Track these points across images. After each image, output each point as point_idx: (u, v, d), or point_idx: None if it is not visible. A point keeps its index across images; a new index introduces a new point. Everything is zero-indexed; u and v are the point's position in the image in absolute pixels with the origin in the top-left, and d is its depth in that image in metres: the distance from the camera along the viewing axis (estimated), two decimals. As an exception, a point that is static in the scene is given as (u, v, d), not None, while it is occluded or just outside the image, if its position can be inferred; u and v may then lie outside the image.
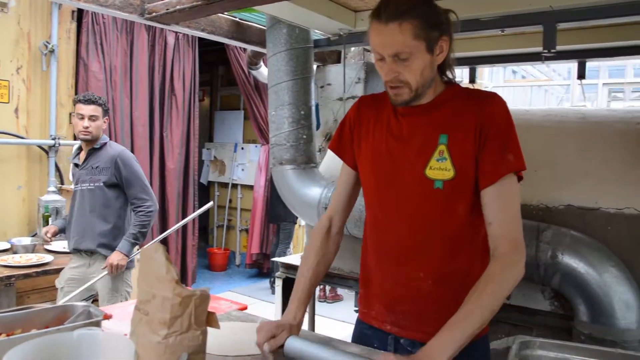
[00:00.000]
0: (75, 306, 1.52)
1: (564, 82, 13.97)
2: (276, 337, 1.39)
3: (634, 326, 1.93)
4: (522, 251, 1.35)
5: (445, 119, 1.41)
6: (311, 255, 1.58)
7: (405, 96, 1.38)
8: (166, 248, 1.12)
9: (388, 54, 1.32)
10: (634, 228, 2.09)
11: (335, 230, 1.64)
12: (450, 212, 1.40)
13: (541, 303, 2.27)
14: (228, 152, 7.68)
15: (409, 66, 1.33)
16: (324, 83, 3.44)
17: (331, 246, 1.63)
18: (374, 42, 1.35)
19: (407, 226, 1.44)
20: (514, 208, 1.37)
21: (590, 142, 2.33)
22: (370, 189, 1.55)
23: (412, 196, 1.43)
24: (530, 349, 1.34)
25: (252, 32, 3.18)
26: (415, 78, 1.35)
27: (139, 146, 5.42)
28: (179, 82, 5.82)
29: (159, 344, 1.08)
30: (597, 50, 3.03)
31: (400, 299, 1.48)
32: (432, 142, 1.40)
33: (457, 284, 1.41)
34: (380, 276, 1.52)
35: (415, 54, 1.31)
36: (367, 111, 1.56)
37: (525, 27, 2.44)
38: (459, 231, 1.41)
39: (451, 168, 1.37)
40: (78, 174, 3.16)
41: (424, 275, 1.43)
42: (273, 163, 2.84)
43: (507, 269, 1.31)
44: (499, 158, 1.35)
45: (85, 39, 4.79)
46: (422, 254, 1.44)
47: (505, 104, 1.41)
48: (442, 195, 1.39)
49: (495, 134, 1.35)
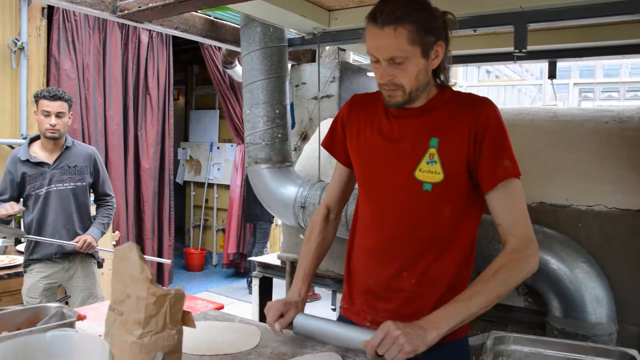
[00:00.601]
0: (48, 307, 1.50)
1: (536, 82, 14.20)
2: (285, 316, 1.47)
3: (604, 320, 1.98)
4: (535, 247, 1.37)
5: (437, 122, 1.42)
6: (312, 237, 1.66)
7: (399, 99, 1.39)
8: (142, 248, 1.11)
9: (383, 58, 1.33)
10: (603, 224, 2.14)
11: (333, 216, 1.71)
12: (437, 215, 1.42)
13: (516, 299, 2.31)
14: (204, 151, 7.63)
15: (404, 70, 1.34)
16: (298, 82, 3.44)
17: (330, 230, 1.70)
18: (369, 44, 1.35)
19: (393, 226, 1.46)
20: (520, 208, 1.40)
21: (561, 140, 2.37)
22: (361, 187, 1.57)
23: (401, 197, 1.44)
24: (505, 344, 1.36)
25: (226, 30, 3.16)
26: (410, 82, 1.36)
27: (113, 145, 5.35)
28: (153, 81, 5.76)
29: (133, 344, 1.07)
30: (567, 50, 3.08)
31: (382, 297, 1.49)
32: (423, 145, 1.42)
33: (440, 286, 1.44)
34: (364, 273, 1.54)
35: (411, 59, 1.32)
36: (359, 110, 1.57)
37: (497, 27, 2.47)
38: (445, 233, 1.43)
39: (441, 171, 1.39)
40: (50, 173, 3.01)
41: (407, 274, 1.45)
42: (248, 162, 2.83)
43: (518, 260, 1.34)
44: (497, 164, 1.37)
45: (57, 37, 4.71)
46: (406, 254, 1.45)
47: (497, 110, 1.43)
48: (431, 198, 1.41)
49: (490, 139, 1.37)
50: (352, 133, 1.57)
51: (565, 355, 1.32)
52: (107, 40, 5.23)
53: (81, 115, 4.98)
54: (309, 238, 1.67)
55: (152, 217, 5.85)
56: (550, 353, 1.33)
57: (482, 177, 1.38)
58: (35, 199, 3.01)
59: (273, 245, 6.55)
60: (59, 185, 3.04)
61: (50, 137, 2.97)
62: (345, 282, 1.64)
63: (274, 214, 2.91)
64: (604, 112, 2.43)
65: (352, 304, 1.59)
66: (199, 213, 7.73)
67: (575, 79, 12.13)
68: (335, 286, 2.92)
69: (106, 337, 1.13)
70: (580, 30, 2.83)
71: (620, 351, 1.29)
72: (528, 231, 1.38)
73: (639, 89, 13.25)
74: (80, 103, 4.96)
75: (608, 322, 1.98)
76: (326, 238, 1.68)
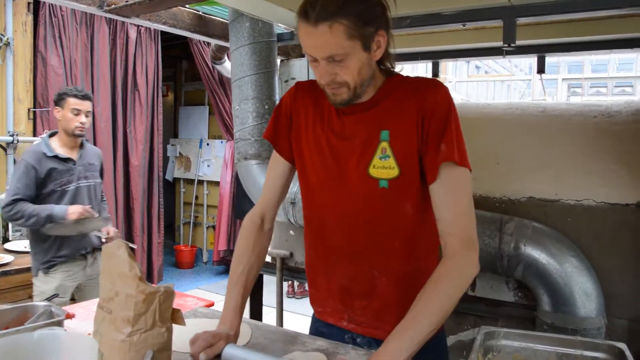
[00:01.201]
0: (36, 306, 1.48)
1: (525, 77, 14.28)
2: (213, 347, 1.28)
3: (593, 314, 1.99)
4: (475, 248, 1.28)
5: (386, 113, 1.34)
6: (244, 257, 1.48)
7: (344, 96, 1.29)
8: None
9: (321, 57, 1.23)
10: (592, 219, 2.15)
11: (268, 226, 1.55)
12: (398, 211, 1.35)
13: (506, 294, 2.32)
14: (193, 148, 7.59)
15: (346, 67, 1.24)
16: (288, 77, 3.43)
17: (265, 241, 1.54)
18: (304, 43, 1.24)
19: (356, 226, 1.39)
20: (463, 202, 1.29)
21: (550, 135, 2.38)
22: (311, 187, 1.46)
23: (358, 196, 1.36)
24: (495, 339, 1.36)
25: (214, 25, 3.14)
26: (353, 78, 1.26)
27: (101, 142, 5.31)
28: (141, 77, 5.72)
29: (123, 342, 1.06)
30: (556, 45, 3.10)
31: (357, 294, 1.44)
32: (373, 139, 1.34)
33: (415, 283, 1.34)
34: (333, 274, 1.46)
35: (351, 54, 1.22)
36: (305, 99, 1.45)
37: (486, 21, 2.47)
38: (410, 230, 1.37)
39: (395, 166, 1.31)
40: (77, 170, 3.02)
41: (378, 273, 1.40)
42: (238, 158, 2.82)
43: (459, 268, 1.24)
44: (436, 150, 1.27)
45: (43, 32, 4.66)
46: (374, 253, 1.39)
47: (448, 92, 1.33)
48: (388, 195, 1.33)
49: (435, 125, 1.28)
50: (299, 126, 1.45)
51: (555, 349, 1.33)
52: (94, 36, 5.18)
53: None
54: (240, 259, 1.48)
55: (142, 214, 5.81)
56: (540, 347, 1.33)
57: (425, 164, 1.30)
58: (60, 195, 2.97)
59: (263, 241, 6.53)
60: (84, 181, 3.06)
61: (79, 134, 3.01)
62: (310, 286, 1.57)
63: (263, 210, 2.90)
64: (593, 107, 2.44)
65: (325, 305, 1.53)
66: (189, 210, 7.69)
67: (564, 74, 12.22)
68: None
69: (95, 336, 1.12)
70: (569, 25, 2.84)
71: (609, 345, 1.30)
72: (469, 230, 1.28)
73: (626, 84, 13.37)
74: (67, 99, 4.91)
75: (597, 316, 2.00)
76: (260, 254, 1.51)
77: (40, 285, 2.96)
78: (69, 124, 2.97)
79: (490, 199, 2.30)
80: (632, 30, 2.75)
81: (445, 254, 1.27)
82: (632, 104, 2.40)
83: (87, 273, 3.09)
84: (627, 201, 2.10)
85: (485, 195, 2.33)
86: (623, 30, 2.76)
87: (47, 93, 4.70)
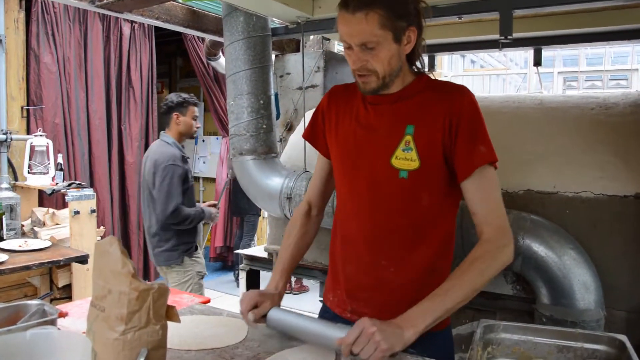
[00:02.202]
0: (29, 305, 1.46)
1: (521, 71, 14.26)
2: (259, 307, 1.43)
3: (592, 306, 1.98)
4: (510, 236, 1.37)
5: (413, 110, 1.42)
6: (293, 231, 1.64)
7: (373, 84, 1.39)
8: (128, 242, 1.08)
9: (355, 43, 1.34)
10: (590, 211, 2.14)
11: (315, 213, 1.69)
12: (414, 202, 1.42)
13: (504, 287, 2.31)
14: (189, 144, 7.55)
15: (376, 55, 1.34)
16: (283, 72, 3.41)
17: (312, 225, 1.68)
18: (341, 31, 1.35)
19: (371, 214, 1.46)
20: (495, 197, 1.39)
21: (548, 127, 2.37)
22: (339, 176, 1.56)
23: (377, 185, 1.44)
24: (494, 333, 1.36)
25: (208, 20, 3.12)
26: (383, 67, 1.36)
27: (96, 140, 5.28)
28: (136, 74, 5.68)
29: (116, 340, 1.04)
30: (553, 37, 3.08)
31: (362, 286, 1.49)
32: (399, 132, 1.41)
33: (419, 275, 1.43)
34: (344, 262, 1.53)
35: (382, 44, 1.33)
36: (338, 100, 1.58)
37: (482, 14, 2.45)
38: (422, 221, 1.43)
39: (416, 159, 1.38)
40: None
41: (386, 263, 1.44)
42: (233, 154, 2.80)
43: (495, 251, 1.33)
44: (472, 151, 1.36)
45: (36, 29, 4.62)
46: (384, 242, 1.45)
47: (474, 97, 1.42)
48: (407, 185, 1.40)
49: (466, 126, 1.37)
50: (331, 123, 1.57)
51: (555, 342, 1.32)
52: (88, 33, 5.14)
53: (63, 109, 4.90)
54: (290, 233, 1.65)
55: (138, 211, 5.77)
56: (540, 340, 1.33)
57: (458, 164, 1.38)
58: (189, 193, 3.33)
59: (260, 238, 6.52)
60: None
61: (194, 137, 3.50)
62: (329, 272, 1.64)
63: (259, 206, 2.89)
64: (590, 99, 2.43)
65: (333, 294, 1.59)
66: (185, 207, 7.66)
67: (560, 68, 12.21)
68: (323, 278, 2.91)
69: (88, 334, 1.10)
70: (565, 17, 2.83)
71: (610, 337, 1.29)
72: (503, 221, 1.38)
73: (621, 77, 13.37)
74: (62, 97, 4.87)
75: (596, 308, 1.99)
76: (307, 233, 1.67)
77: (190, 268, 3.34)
78: (190, 128, 3.39)
79: (487, 192, 2.29)
80: (628, 22, 2.74)
81: (480, 241, 1.36)
82: (629, 95, 2.39)
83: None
84: (625, 193, 2.09)
85: (482, 188, 2.31)
86: (619, 22, 2.75)
87: (40, 90, 4.66)
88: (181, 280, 3.36)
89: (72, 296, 3.63)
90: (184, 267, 3.34)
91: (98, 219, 4.31)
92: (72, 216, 3.77)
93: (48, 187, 3.98)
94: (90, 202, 3.88)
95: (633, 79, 12.21)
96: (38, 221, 4.00)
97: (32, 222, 4.04)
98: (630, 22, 2.72)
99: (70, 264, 3.55)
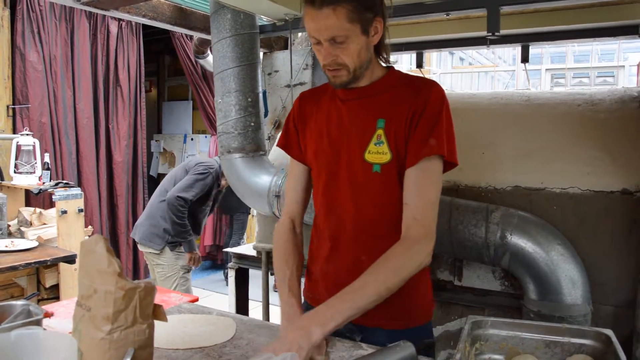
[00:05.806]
0: (13, 305, 1.44)
1: (509, 68, 14.35)
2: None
3: (579, 301, 1.99)
4: (432, 238, 1.37)
5: (384, 104, 1.44)
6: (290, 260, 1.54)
7: (343, 78, 1.40)
8: (116, 243, 1.06)
9: (324, 39, 1.34)
10: (577, 207, 2.15)
11: (299, 230, 1.64)
12: (390, 196, 1.43)
13: (492, 283, 2.32)
14: (177, 143, 7.53)
15: (346, 49, 1.35)
16: (271, 70, 3.39)
17: (300, 243, 1.62)
18: (309, 27, 1.36)
19: (349, 210, 1.47)
20: (431, 195, 1.39)
21: (535, 123, 2.38)
22: (315, 176, 1.57)
23: (354, 180, 1.45)
24: (482, 329, 1.36)
25: (196, 18, 3.10)
26: (353, 60, 1.37)
27: (83, 139, 5.24)
28: (123, 73, 5.64)
29: (102, 340, 1.03)
30: (540, 34, 3.09)
31: (342, 282, 1.43)
32: (370, 126, 1.43)
33: None
34: (325, 260, 1.54)
35: (351, 37, 1.34)
36: (308, 105, 1.59)
37: (470, 10, 2.45)
38: (399, 215, 1.42)
39: (388, 152, 1.41)
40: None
41: (366, 258, 1.42)
42: (221, 152, 2.79)
43: (412, 251, 1.34)
44: (422, 141, 1.38)
45: (21, 27, 4.57)
46: (363, 237, 1.46)
47: (443, 93, 1.43)
48: (381, 179, 1.42)
49: (425, 119, 1.38)
50: (305, 128, 1.58)
51: (542, 337, 1.32)
52: (74, 31, 5.10)
53: (50, 108, 4.85)
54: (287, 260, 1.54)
55: (126, 211, 5.75)
56: (528, 336, 1.33)
57: (408, 153, 1.39)
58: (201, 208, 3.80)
59: (250, 236, 6.50)
60: None
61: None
62: (307, 270, 1.65)
63: (248, 204, 2.88)
64: (577, 95, 2.44)
65: (314, 291, 1.59)
66: (175, 206, 7.62)
67: (547, 65, 12.30)
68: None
69: (74, 334, 1.09)
70: (552, 13, 2.83)
71: (596, 331, 1.30)
72: (430, 221, 1.38)
73: (608, 75, 13.49)
74: (48, 96, 4.83)
75: (583, 303, 2.00)
76: (300, 254, 1.58)
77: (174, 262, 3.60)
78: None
79: (475, 189, 2.29)
80: (614, 19, 2.75)
81: (404, 236, 1.37)
82: (615, 92, 2.41)
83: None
84: (611, 188, 2.10)
85: (470, 184, 2.32)
86: (606, 18, 2.76)
87: (26, 89, 4.62)
88: (167, 274, 3.48)
89: (59, 296, 3.60)
90: (168, 262, 3.47)
91: (86, 219, 4.29)
92: (60, 216, 3.74)
93: (35, 186, 3.95)
94: (77, 202, 3.85)
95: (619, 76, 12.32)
96: (25, 221, 3.97)
97: (18, 222, 4.00)
98: (616, 18, 2.73)
99: (57, 264, 3.53)
